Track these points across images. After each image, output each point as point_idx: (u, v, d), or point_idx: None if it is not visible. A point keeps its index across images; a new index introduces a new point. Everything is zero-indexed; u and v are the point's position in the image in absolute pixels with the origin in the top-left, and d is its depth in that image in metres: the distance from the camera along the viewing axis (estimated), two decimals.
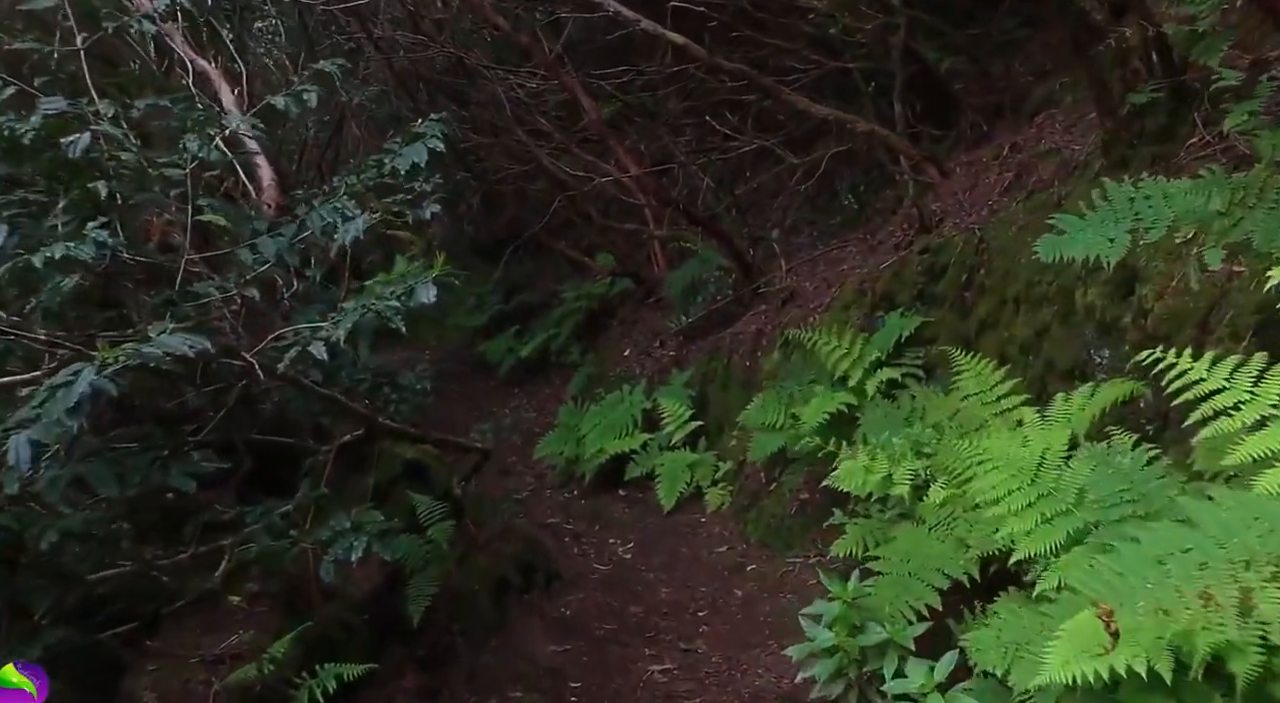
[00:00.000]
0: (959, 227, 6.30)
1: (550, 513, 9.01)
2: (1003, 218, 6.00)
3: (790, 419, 6.96)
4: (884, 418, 5.68)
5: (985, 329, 5.79)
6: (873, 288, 6.85)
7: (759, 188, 10.98)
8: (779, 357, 7.86)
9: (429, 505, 4.88)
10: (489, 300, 13.81)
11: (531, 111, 10.72)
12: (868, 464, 4.89)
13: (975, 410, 5.03)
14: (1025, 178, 6.30)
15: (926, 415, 5.39)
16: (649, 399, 9.02)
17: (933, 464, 4.91)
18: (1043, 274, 5.22)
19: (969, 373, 5.29)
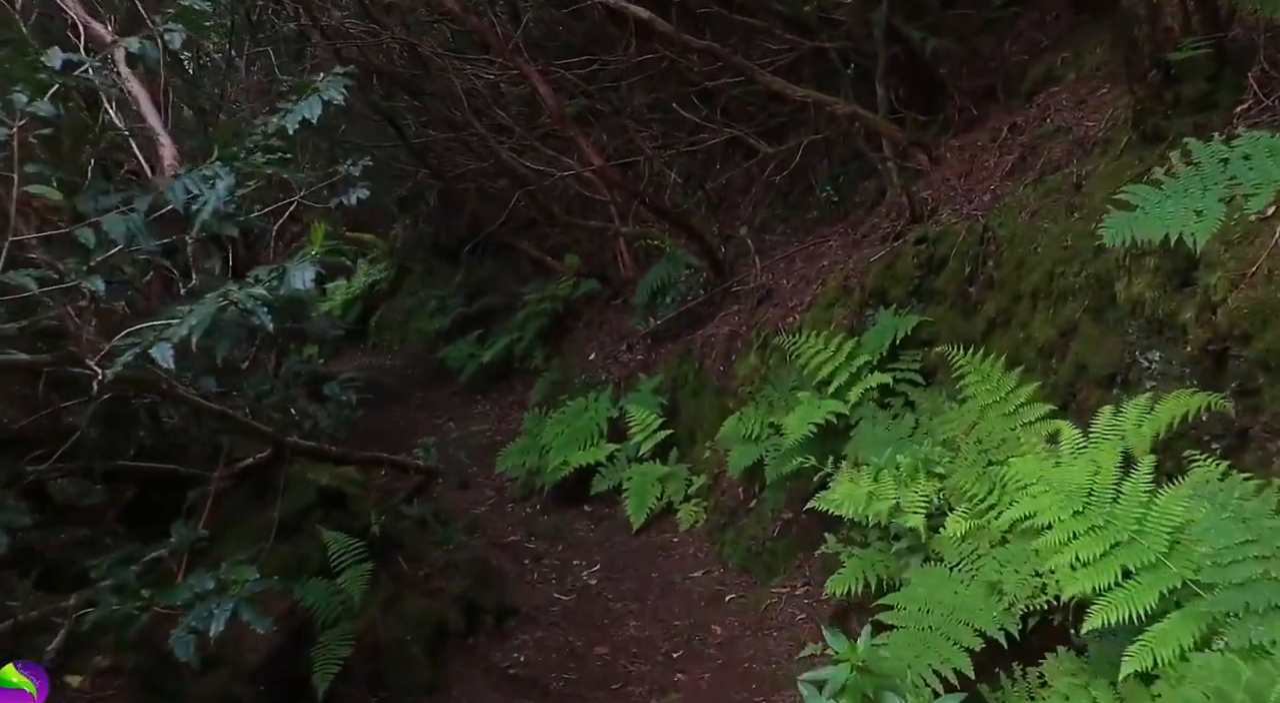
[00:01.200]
0: (959, 214, 5.37)
1: (510, 530, 7.99)
2: (1009, 204, 5.08)
3: (770, 429, 6.00)
4: (884, 431, 4.73)
5: (995, 328, 4.86)
6: (860, 284, 5.90)
7: (729, 183, 10.03)
8: (755, 360, 6.90)
9: (343, 544, 3.85)
10: (451, 303, 12.76)
11: (490, 105, 9.68)
12: (872, 488, 3.93)
13: (995, 423, 4.08)
14: (1031, 160, 5.38)
15: (933, 429, 4.43)
16: (615, 407, 8.02)
17: (948, 488, 3.96)
18: (1068, 263, 4.29)
19: (978, 379, 4.35)
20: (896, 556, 4.09)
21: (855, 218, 7.39)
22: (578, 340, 10.37)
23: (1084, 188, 4.58)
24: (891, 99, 7.13)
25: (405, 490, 5.36)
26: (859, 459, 4.85)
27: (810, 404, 5.38)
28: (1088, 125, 5.10)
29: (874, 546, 4.41)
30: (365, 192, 4.29)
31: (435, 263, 13.69)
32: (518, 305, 11.47)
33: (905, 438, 4.50)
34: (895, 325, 5.39)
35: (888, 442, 4.55)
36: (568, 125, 7.67)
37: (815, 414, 5.25)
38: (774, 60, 7.45)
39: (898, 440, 4.51)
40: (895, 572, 4.06)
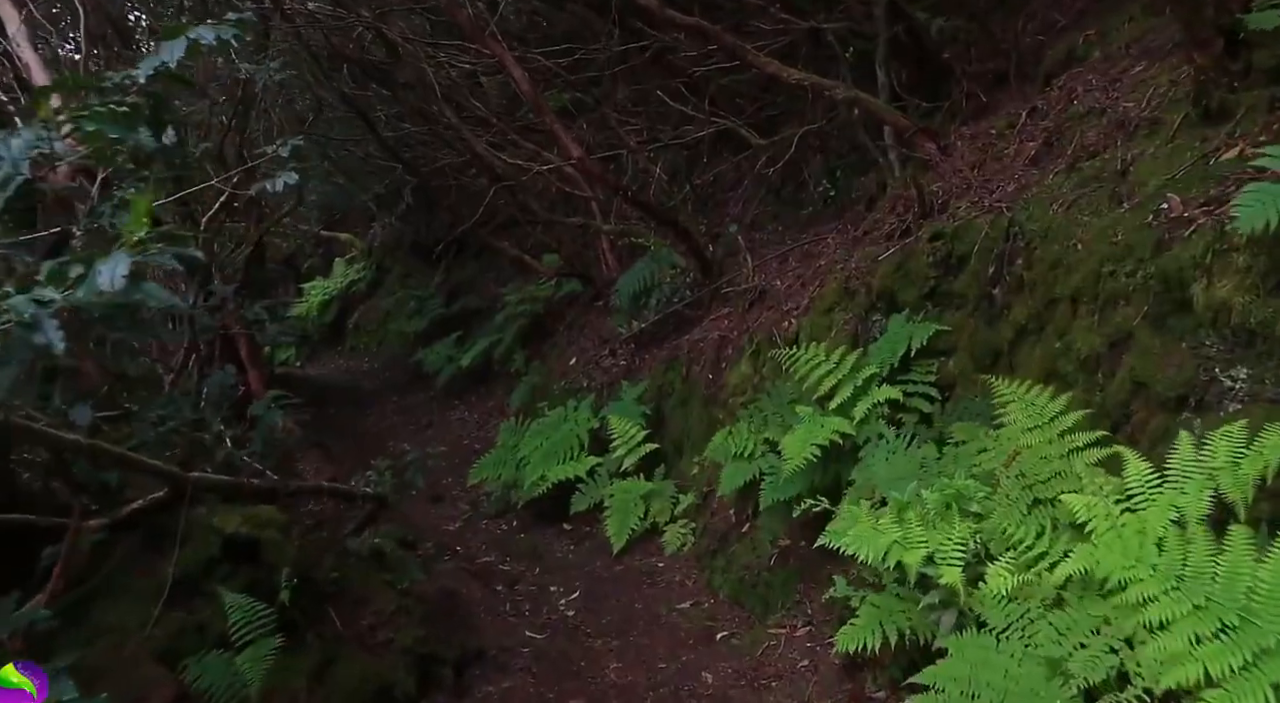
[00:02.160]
0: (979, 207, 4.62)
1: (484, 549, 7.21)
2: (1038, 195, 4.32)
3: (765, 446, 5.24)
4: (903, 458, 3.97)
5: (1025, 337, 4.11)
6: (866, 285, 5.15)
7: (717, 179, 9.27)
8: (748, 368, 6.14)
9: (246, 613, 3.04)
10: (429, 304, 11.97)
11: (466, 96, 8.88)
12: (898, 534, 3.16)
13: (1039, 451, 3.33)
14: (1059, 146, 4.63)
15: (962, 457, 3.67)
16: (597, 417, 7.25)
17: (986, 531, 3.20)
18: (1119, 261, 3.53)
19: (1015, 399, 3.59)
20: (925, 611, 3.33)
21: (855, 214, 6.63)
22: (559, 344, 9.59)
23: (1131, 174, 3.83)
24: (894, 85, 6.39)
25: (354, 521, 4.57)
26: (872, 489, 4.11)
27: (811, 422, 4.62)
28: (1125, 106, 4.36)
29: (891, 589, 3.66)
30: (294, 177, 3.50)
31: (414, 263, 12.89)
32: (497, 307, 10.69)
33: (929, 468, 3.74)
34: (908, 333, 4.63)
35: (907, 471, 3.79)
36: (544, 111, 6.89)
37: (817, 435, 4.49)
38: (767, 44, 6.69)
39: (919, 470, 3.75)
40: (922, 629, 3.30)
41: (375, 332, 13.12)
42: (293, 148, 3.63)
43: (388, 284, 13.30)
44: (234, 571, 3.25)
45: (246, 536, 3.33)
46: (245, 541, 3.34)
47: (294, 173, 3.51)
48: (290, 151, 3.61)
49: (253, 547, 3.37)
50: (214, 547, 3.23)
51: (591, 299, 9.45)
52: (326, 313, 13.75)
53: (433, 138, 9.84)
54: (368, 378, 12.56)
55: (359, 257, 14.00)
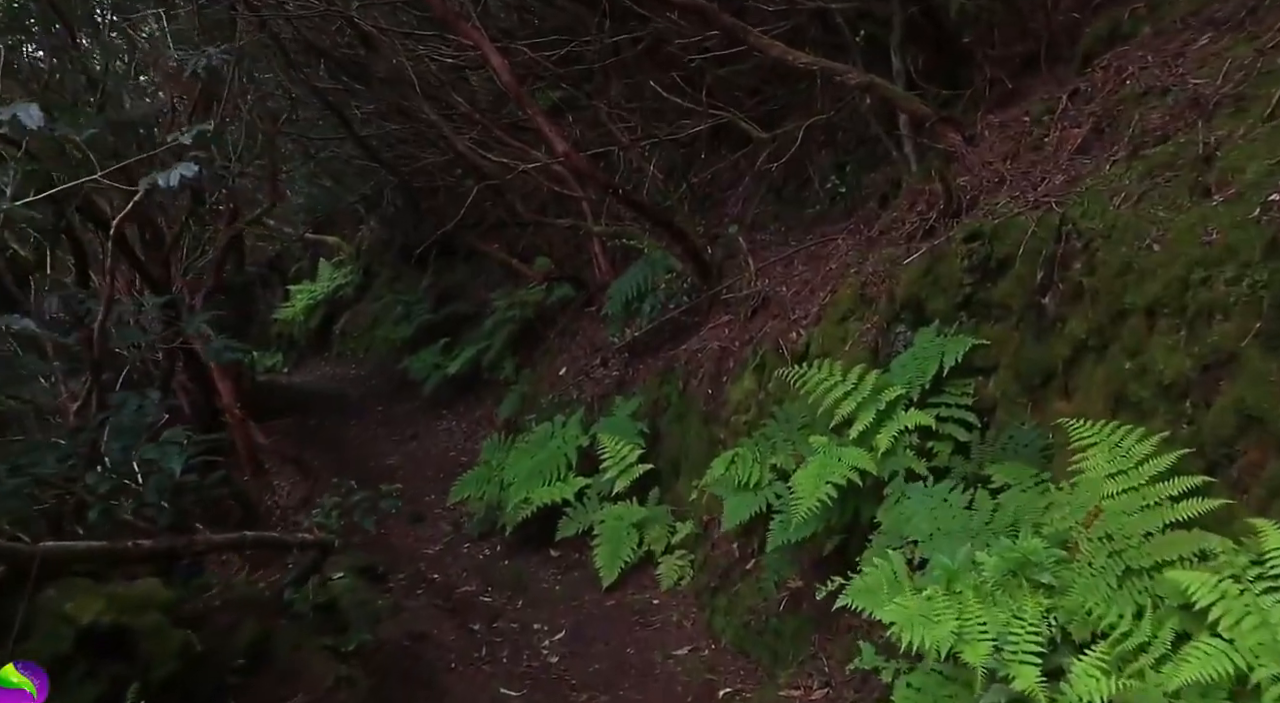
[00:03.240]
0: (1023, 202, 3.86)
1: (464, 577, 6.46)
2: (1094, 187, 3.57)
3: (773, 475, 4.49)
4: (946, 510, 3.21)
5: (1084, 355, 3.35)
6: (888, 292, 4.39)
7: (714, 178, 8.51)
8: (751, 383, 5.39)
9: None
10: (417, 309, 11.20)
11: (447, 91, 8.12)
12: (958, 623, 2.40)
13: (1126, 504, 2.58)
14: (1113, 132, 3.88)
15: (1024, 510, 2.92)
16: (587, 433, 6.49)
17: (1064, 611, 2.45)
18: (1214, 265, 2.79)
19: (1090, 438, 2.85)
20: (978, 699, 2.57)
21: (867, 212, 5.88)
22: (550, 351, 8.84)
23: (1218, 160, 3.08)
24: (910, 71, 5.63)
25: (295, 572, 3.82)
26: (901, 536, 3.36)
27: (827, 455, 3.86)
28: (1194, 82, 3.61)
29: (933, 666, 2.91)
30: (191, 168, 2.76)
31: (402, 266, 12.12)
32: (487, 312, 9.93)
33: (979, 519, 2.98)
34: (939, 349, 3.88)
35: (952, 524, 3.04)
36: (526, 103, 6.13)
37: (834, 471, 3.73)
38: (770, 28, 5.92)
39: (968, 523, 2.99)
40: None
41: (362, 337, 12.36)
42: (199, 134, 2.88)
43: (375, 288, 12.54)
44: (92, 671, 2.49)
45: (110, 624, 2.58)
46: (109, 631, 2.59)
47: (193, 164, 2.77)
48: (195, 138, 2.85)
49: (121, 637, 2.61)
50: (64, 641, 2.47)
51: (583, 304, 8.70)
52: (312, 318, 12.98)
53: (414, 137, 9.08)
54: (353, 386, 11.80)
55: (347, 260, 13.23)
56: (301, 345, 13.25)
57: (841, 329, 4.83)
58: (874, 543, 3.57)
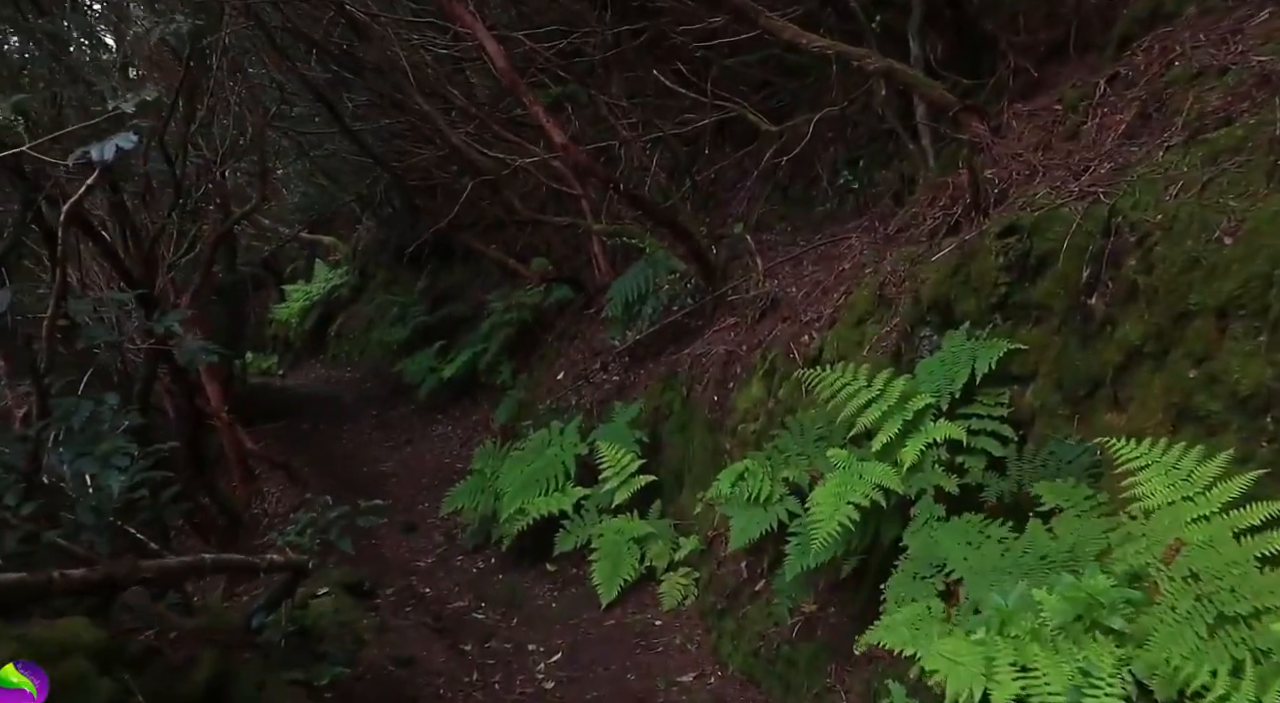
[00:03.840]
0: (1064, 193, 3.47)
1: (457, 592, 6.06)
2: (1147, 175, 3.18)
3: (785, 490, 4.09)
4: (990, 541, 2.81)
5: (1138, 362, 2.96)
6: (912, 293, 3.99)
7: (718, 177, 8.10)
8: (760, 390, 4.99)
9: None
10: (413, 311, 10.80)
11: (443, 83, 7.73)
12: (1022, 685, 1.99)
13: (1204, 534, 2.18)
14: (1166, 115, 3.49)
15: (1083, 539, 2.52)
16: (585, 441, 6.09)
17: (1144, 664, 2.04)
18: None
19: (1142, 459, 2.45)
20: None
21: (883, 209, 5.49)
22: (547, 355, 8.44)
23: None
24: (929, 59, 5.24)
25: (266, 595, 3.43)
26: (934, 565, 2.96)
27: (847, 471, 3.47)
28: (1259, 60, 3.22)
29: None
30: (130, 140, 2.37)
31: (398, 267, 11.72)
32: (484, 314, 9.54)
33: (1032, 552, 2.57)
34: (970, 354, 3.48)
35: (996, 555, 2.64)
36: (522, 92, 5.74)
37: (856, 489, 3.34)
38: (783, 13, 5.53)
39: (1020, 556, 2.58)
40: None
41: (358, 340, 11.96)
42: (140, 104, 2.48)
43: (371, 289, 12.14)
44: None
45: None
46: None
47: (132, 135, 2.38)
48: (137, 108, 2.46)
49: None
50: None
51: (582, 307, 8.31)
52: (307, 319, 12.58)
53: (409, 132, 8.69)
54: (348, 389, 11.40)
55: (343, 260, 12.83)
56: (296, 347, 12.86)
57: (858, 332, 4.43)
58: (901, 570, 3.17)
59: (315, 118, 9.73)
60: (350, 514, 3.51)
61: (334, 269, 12.60)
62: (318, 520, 3.45)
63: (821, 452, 3.80)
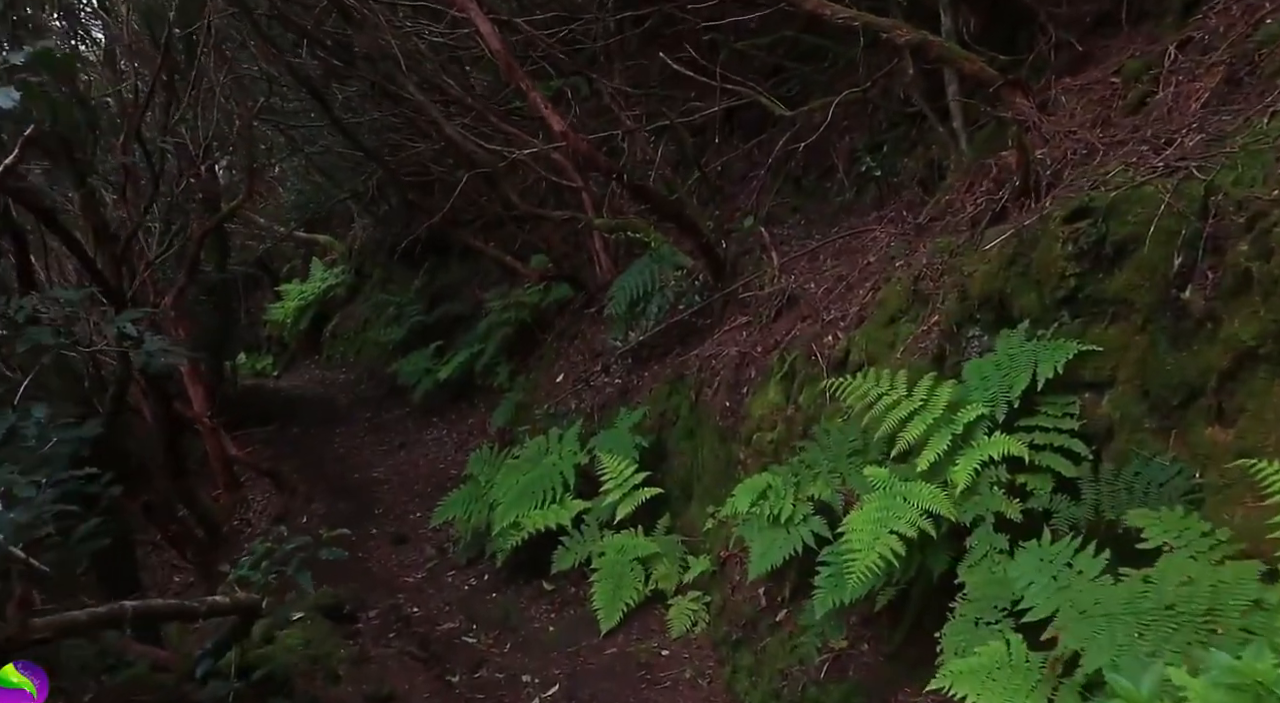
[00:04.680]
0: (1146, 169, 2.90)
1: (447, 611, 5.50)
2: (1250, 146, 2.62)
3: (811, 509, 3.53)
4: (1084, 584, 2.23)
5: (1251, 365, 2.39)
6: (956, 287, 3.43)
7: (724, 170, 7.54)
8: (777, 395, 4.42)
9: None
10: (409, 310, 10.22)
11: (437, 71, 7.16)
12: None
13: None
14: (1261, 80, 2.93)
15: (1216, 594, 1.94)
16: (585, 449, 5.52)
17: None
18: None
19: None
20: None
21: (910, 197, 4.94)
22: (547, 356, 7.87)
23: None
24: (961, 33, 4.67)
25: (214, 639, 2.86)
26: (999, 607, 2.40)
27: (889, 493, 2.91)
28: None
29: None
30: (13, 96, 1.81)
31: (395, 266, 11.15)
32: (481, 313, 8.96)
33: (1146, 602, 2.00)
34: (1031, 356, 2.91)
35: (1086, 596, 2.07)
36: (518, 75, 5.18)
37: (900, 515, 2.78)
38: None
39: (1118, 601, 2.01)
40: None
41: (353, 340, 11.40)
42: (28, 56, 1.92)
43: (367, 289, 11.57)
44: None
45: None
46: None
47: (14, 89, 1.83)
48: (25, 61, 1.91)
49: None
50: None
51: (583, 305, 7.74)
52: (302, 319, 12.00)
53: (404, 125, 8.13)
54: (342, 391, 10.82)
55: (339, 259, 12.26)
56: (291, 348, 12.29)
57: (889, 332, 3.87)
58: (960, 613, 2.60)
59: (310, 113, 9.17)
60: (311, 546, 2.94)
61: (330, 269, 12.02)
62: (273, 553, 2.88)
63: (856, 469, 3.24)
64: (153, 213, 7.16)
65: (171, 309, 7.75)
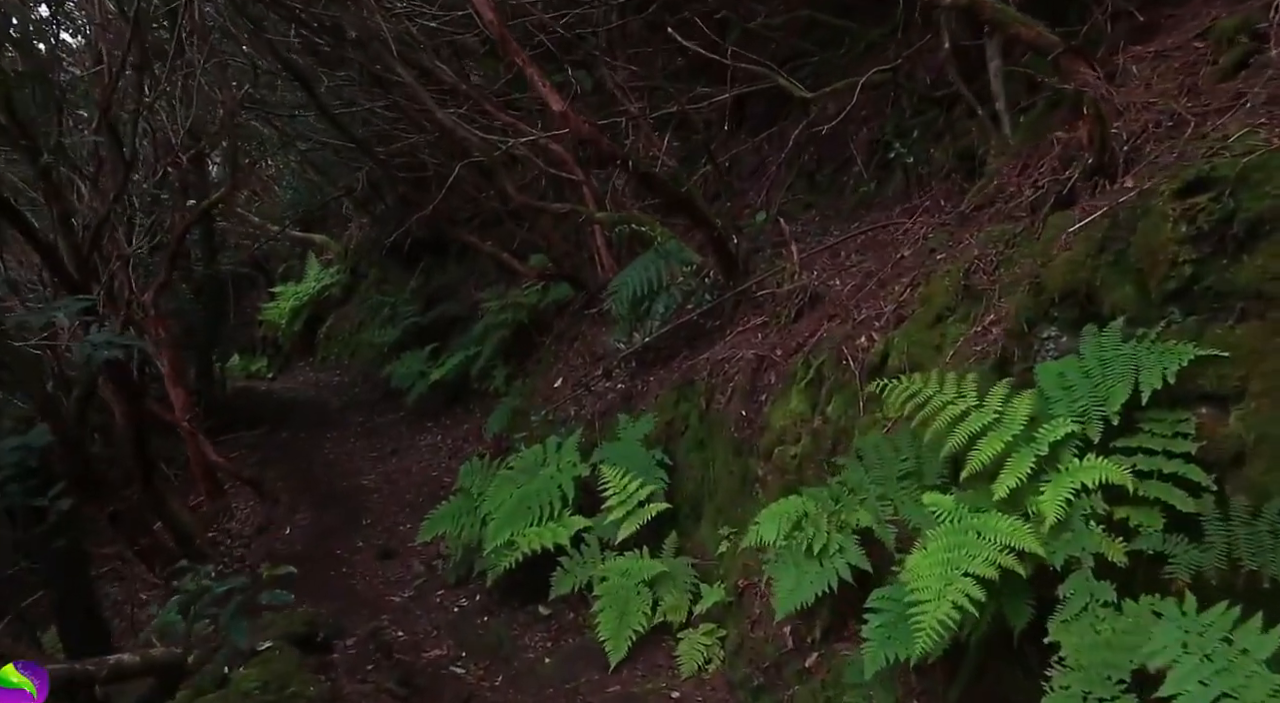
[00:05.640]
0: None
1: (434, 637, 4.88)
2: None
3: (850, 536, 2.92)
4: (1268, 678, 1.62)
5: None
6: (1029, 280, 2.82)
7: (732, 166, 6.94)
8: (801, 403, 3.81)
9: None
10: (404, 311, 9.59)
11: (430, 57, 6.55)
12: None
13: None
14: None
15: None
16: (586, 461, 4.90)
17: None
18: None
19: None
20: None
21: (947, 185, 4.33)
22: (545, 359, 7.25)
23: None
24: None
25: None
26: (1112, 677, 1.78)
27: (959, 527, 2.30)
28: None
29: None
30: None
31: (391, 266, 10.53)
32: (479, 314, 8.34)
33: None
34: (1130, 362, 2.32)
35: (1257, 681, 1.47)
36: (514, 49, 4.58)
37: (976, 554, 2.19)
38: None
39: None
40: None
41: (348, 341, 10.77)
42: None
43: (363, 289, 10.94)
44: None
45: None
46: None
47: None
48: None
49: None
50: None
51: (583, 306, 7.12)
52: (297, 320, 11.37)
53: (398, 118, 7.51)
54: (335, 393, 10.19)
55: (335, 259, 11.63)
56: (286, 350, 11.66)
57: (935, 333, 3.26)
58: (1060, 684, 1.99)
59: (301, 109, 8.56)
60: (250, 587, 2.33)
61: (326, 268, 11.39)
62: (205, 594, 2.27)
63: (911, 495, 2.63)
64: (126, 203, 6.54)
65: (151, 307, 7.14)
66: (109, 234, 6.44)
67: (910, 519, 2.60)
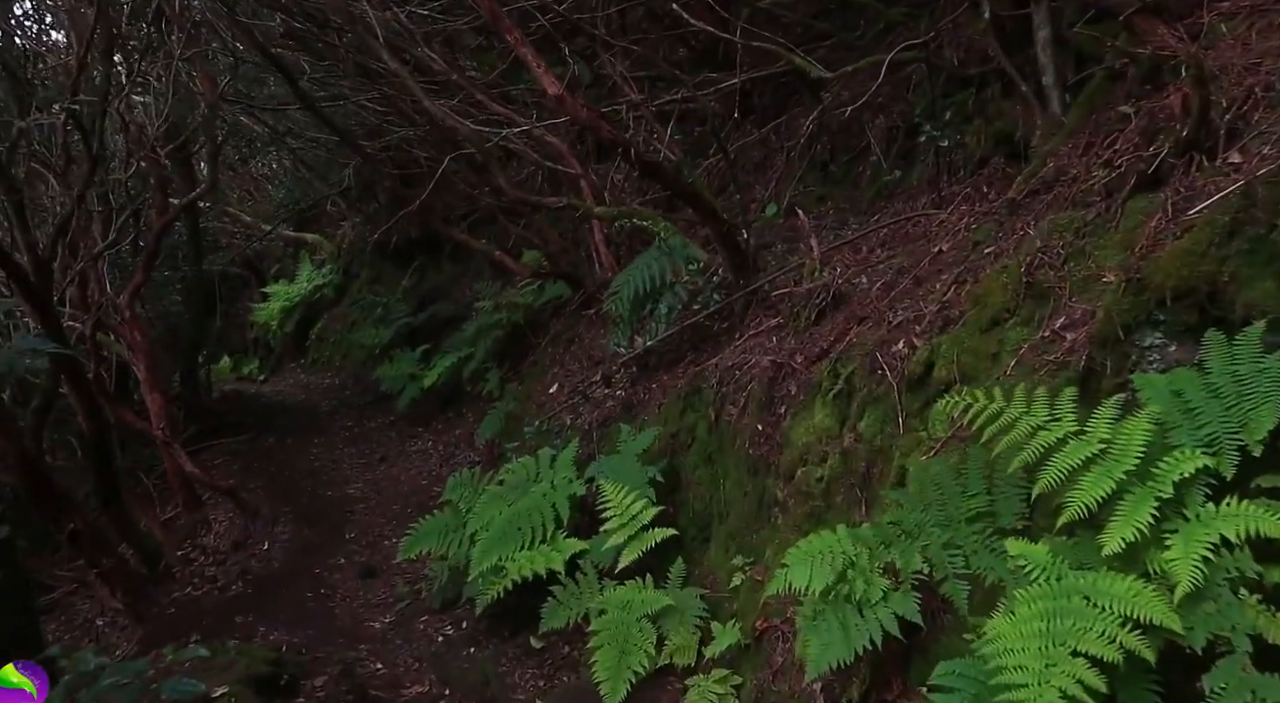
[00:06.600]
0: None
1: (414, 670, 4.30)
2: None
3: (892, 583, 2.33)
4: None
5: None
6: (1126, 274, 2.23)
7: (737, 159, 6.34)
8: (828, 417, 3.23)
9: None
10: (396, 312, 9.00)
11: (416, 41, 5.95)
12: None
13: None
14: None
15: None
16: (583, 477, 4.32)
17: None
18: None
19: None
20: None
21: (992, 170, 3.75)
22: (540, 362, 6.67)
23: None
24: None
25: None
26: None
27: (1059, 588, 1.72)
28: None
29: None
30: None
31: (384, 265, 9.94)
32: (472, 314, 7.76)
33: None
34: (1276, 377, 1.73)
35: None
36: (506, 26, 4.00)
37: (1085, 627, 1.61)
38: None
39: None
40: None
41: (339, 343, 10.17)
42: None
43: (355, 289, 10.34)
44: None
45: None
46: None
47: None
48: None
49: None
50: None
51: (581, 307, 6.55)
52: (288, 321, 10.77)
53: (385, 107, 6.91)
54: (325, 396, 9.59)
55: (328, 259, 11.03)
56: (277, 351, 11.06)
57: (991, 339, 2.68)
58: None
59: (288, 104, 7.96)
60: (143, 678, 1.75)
61: (319, 268, 10.80)
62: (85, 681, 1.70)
63: (985, 542, 2.05)
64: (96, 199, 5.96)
65: (126, 309, 6.56)
66: (79, 231, 5.86)
67: (985, 572, 2.02)
